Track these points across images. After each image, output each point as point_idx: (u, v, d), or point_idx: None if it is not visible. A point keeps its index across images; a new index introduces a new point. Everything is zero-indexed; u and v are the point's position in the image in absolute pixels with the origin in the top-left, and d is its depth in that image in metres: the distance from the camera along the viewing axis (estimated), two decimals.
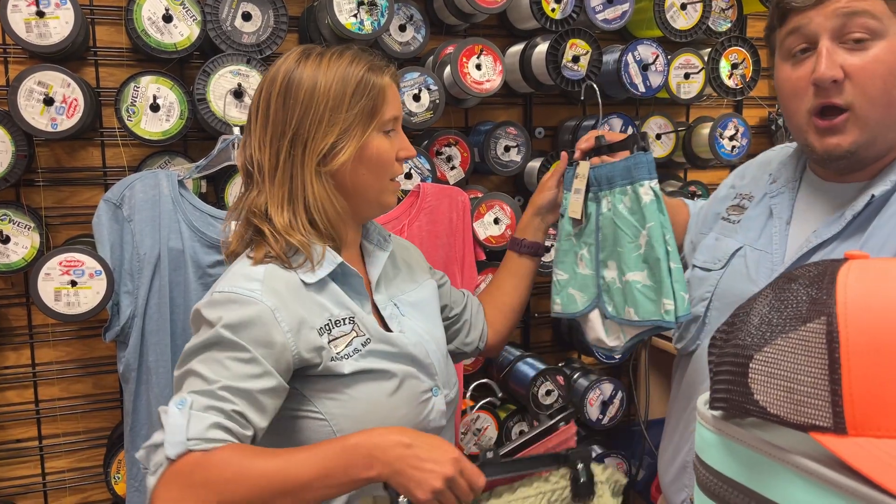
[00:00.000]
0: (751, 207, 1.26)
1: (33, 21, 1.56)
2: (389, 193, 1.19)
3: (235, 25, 1.72)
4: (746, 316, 0.58)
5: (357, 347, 1.10)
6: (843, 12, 1.01)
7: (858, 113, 1.03)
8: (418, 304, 1.26)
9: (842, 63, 1.02)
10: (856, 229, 1.08)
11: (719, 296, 1.22)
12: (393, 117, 1.16)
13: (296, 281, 1.08)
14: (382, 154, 1.15)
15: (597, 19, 2.00)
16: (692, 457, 1.21)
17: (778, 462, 0.54)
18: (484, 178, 2.17)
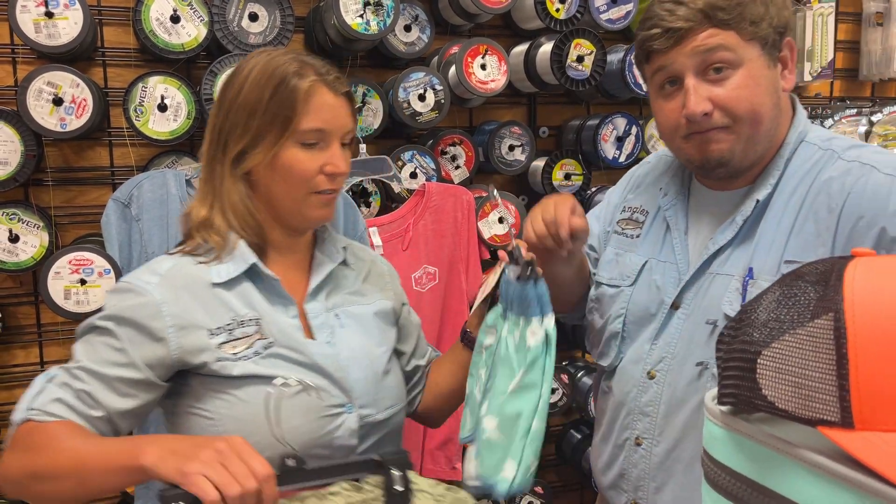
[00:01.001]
0: (647, 222, 1.32)
1: (42, 22, 1.58)
2: (313, 207, 1.11)
3: (242, 26, 1.73)
4: (754, 312, 0.59)
5: (258, 350, 1.07)
6: (700, 50, 1.10)
7: (731, 128, 1.13)
8: (362, 318, 1.19)
9: (708, 95, 1.12)
10: (747, 232, 1.18)
11: (633, 310, 1.28)
12: (314, 129, 1.08)
13: (202, 278, 1.08)
14: (295, 167, 1.08)
15: (601, 19, 2.01)
16: (629, 465, 1.26)
17: (786, 456, 0.55)
18: (488, 177, 2.18)
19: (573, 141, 2.17)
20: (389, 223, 1.87)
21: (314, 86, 1.08)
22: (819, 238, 1.11)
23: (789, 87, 1.17)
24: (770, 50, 1.13)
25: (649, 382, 1.23)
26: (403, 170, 1.91)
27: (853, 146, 1.17)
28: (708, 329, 1.17)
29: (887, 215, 1.07)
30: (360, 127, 1.85)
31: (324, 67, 1.11)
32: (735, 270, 1.16)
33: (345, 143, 1.14)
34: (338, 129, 1.11)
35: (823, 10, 2.42)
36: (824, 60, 2.44)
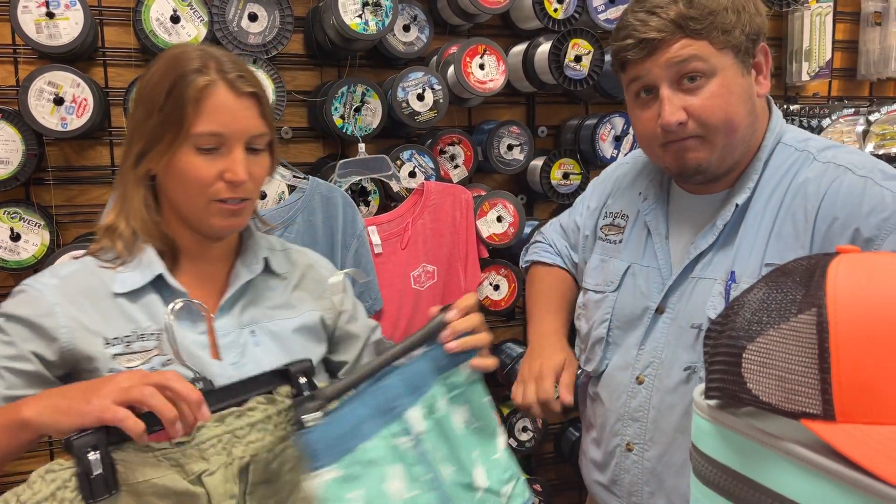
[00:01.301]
0: (628, 227, 1.34)
1: (43, 22, 1.59)
2: (214, 216, 1.03)
3: (242, 26, 1.74)
4: (740, 308, 0.61)
5: (154, 366, 1.01)
6: (674, 61, 1.11)
7: (706, 137, 1.14)
8: (280, 335, 1.11)
9: (683, 105, 1.12)
10: (727, 236, 1.19)
11: (617, 315, 1.29)
12: (209, 133, 1.00)
13: (105, 286, 1.03)
14: (190, 173, 1.00)
15: (599, 19, 2.02)
16: (621, 471, 1.26)
17: (770, 449, 0.56)
18: (487, 176, 2.19)
19: (571, 140, 2.18)
20: (388, 222, 1.88)
21: (211, 85, 1.00)
22: (797, 240, 1.12)
23: (764, 92, 1.18)
24: (743, 57, 1.13)
25: (638, 388, 1.24)
26: (402, 169, 1.92)
27: (828, 147, 1.18)
28: (693, 333, 1.17)
29: (861, 216, 1.08)
30: (360, 127, 1.87)
31: (229, 63, 1.03)
32: (717, 274, 1.17)
33: (255, 147, 1.04)
34: (238, 133, 1.01)
35: (821, 10, 2.43)
36: (822, 60, 2.45)
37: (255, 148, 1.04)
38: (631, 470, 1.26)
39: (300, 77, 1.97)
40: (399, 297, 1.87)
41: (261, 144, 1.05)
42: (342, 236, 1.76)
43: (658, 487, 1.23)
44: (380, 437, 0.94)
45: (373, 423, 0.94)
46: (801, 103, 2.42)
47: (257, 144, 1.04)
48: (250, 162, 1.03)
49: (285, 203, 1.73)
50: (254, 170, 1.04)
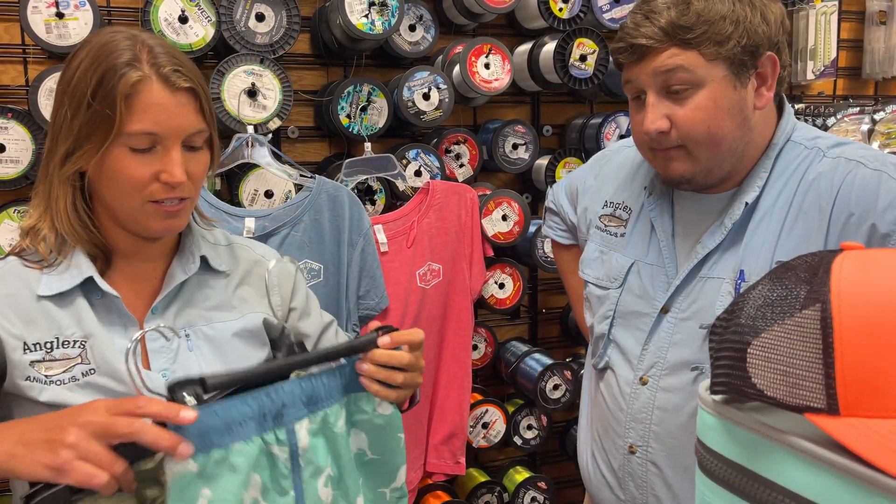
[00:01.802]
0: (631, 221, 1.31)
1: (53, 22, 1.60)
2: (150, 218, 0.97)
3: (249, 26, 1.75)
4: (745, 304, 0.61)
5: (75, 376, 0.94)
6: (660, 70, 1.10)
7: (689, 149, 1.13)
8: (217, 339, 1.04)
9: (668, 113, 1.12)
10: (734, 236, 1.17)
11: (621, 313, 1.28)
12: (141, 131, 0.92)
13: (28, 286, 0.97)
14: (123, 174, 0.94)
15: (604, 18, 2.03)
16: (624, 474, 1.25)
17: (774, 443, 0.57)
18: (492, 175, 2.20)
19: (576, 139, 2.19)
20: (394, 221, 1.89)
21: (143, 80, 0.92)
22: (810, 238, 1.10)
23: (762, 105, 1.14)
24: (738, 69, 1.10)
25: (641, 388, 1.21)
26: (408, 168, 1.93)
27: (838, 143, 1.16)
28: (702, 334, 1.15)
29: (877, 212, 1.07)
30: (366, 126, 1.88)
31: (164, 55, 0.95)
32: (725, 273, 1.15)
33: (193, 145, 0.98)
34: (174, 132, 0.94)
35: (826, 9, 2.43)
36: (827, 59, 2.45)
37: (193, 146, 0.98)
38: (635, 473, 1.24)
39: (307, 77, 1.98)
40: (405, 295, 1.88)
41: (199, 142, 0.98)
42: (348, 235, 1.77)
43: (665, 491, 1.21)
44: (255, 441, 0.87)
45: (253, 424, 0.86)
46: (806, 102, 2.42)
47: (195, 142, 0.98)
48: (188, 160, 0.97)
49: (292, 202, 1.74)
50: (192, 169, 0.97)
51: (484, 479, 2.13)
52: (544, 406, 2.09)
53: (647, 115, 1.12)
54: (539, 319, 2.30)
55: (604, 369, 1.30)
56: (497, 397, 2.14)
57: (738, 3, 1.09)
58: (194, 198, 1.01)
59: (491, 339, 2.14)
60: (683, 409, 1.17)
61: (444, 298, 1.95)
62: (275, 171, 1.73)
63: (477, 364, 2.10)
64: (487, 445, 2.12)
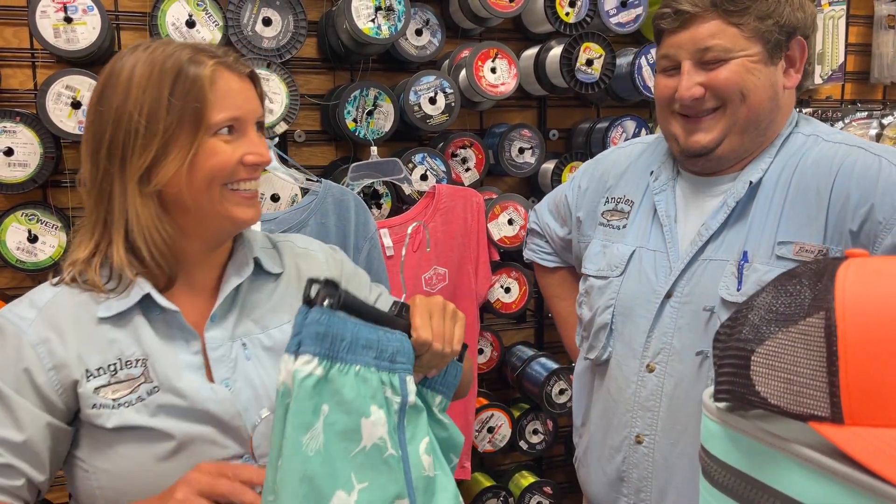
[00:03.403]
0: (633, 211, 1.33)
1: (61, 27, 1.61)
2: (233, 206, 0.97)
3: (256, 30, 1.76)
4: (749, 311, 0.61)
5: (141, 395, 0.93)
6: (700, 45, 1.15)
7: (723, 110, 1.16)
8: (276, 347, 1.02)
9: (702, 81, 1.15)
10: (738, 215, 1.19)
11: (622, 300, 1.28)
12: (227, 118, 0.94)
13: (88, 311, 0.95)
14: (217, 161, 0.94)
15: (610, 23, 2.02)
16: (629, 466, 1.25)
17: (778, 451, 0.57)
18: (498, 179, 2.20)
19: (583, 143, 2.19)
20: (400, 224, 1.89)
21: (217, 70, 0.94)
22: (811, 218, 1.13)
23: (791, 84, 1.20)
24: (773, 49, 1.15)
25: (648, 376, 1.21)
26: (414, 172, 1.93)
27: (838, 132, 1.21)
28: (705, 316, 1.17)
29: (877, 194, 1.09)
30: (372, 130, 1.88)
31: (220, 49, 0.99)
32: (729, 255, 1.17)
33: (259, 128, 1.01)
34: (250, 114, 0.97)
35: (835, 13, 2.42)
36: (835, 63, 2.44)
37: (260, 125, 1.01)
38: (640, 464, 1.23)
39: (313, 81, 1.99)
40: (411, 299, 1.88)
41: (260, 125, 1.01)
42: (354, 239, 1.77)
43: (669, 481, 1.21)
44: (374, 373, 0.82)
45: (372, 355, 0.83)
46: (814, 106, 2.41)
47: (261, 126, 1.02)
48: (263, 143, 1.00)
49: (298, 206, 1.74)
50: (264, 151, 0.99)
51: (489, 484, 2.13)
52: (550, 410, 2.08)
53: (683, 81, 1.16)
54: (545, 324, 2.29)
55: (605, 361, 1.29)
56: (503, 402, 2.14)
57: None
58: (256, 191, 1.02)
59: (497, 343, 2.13)
60: (690, 394, 1.18)
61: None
62: (281, 174, 1.73)
63: (483, 368, 2.10)
64: (493, 450, 2.11)
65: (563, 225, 1.51)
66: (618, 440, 1.27)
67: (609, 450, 1.29)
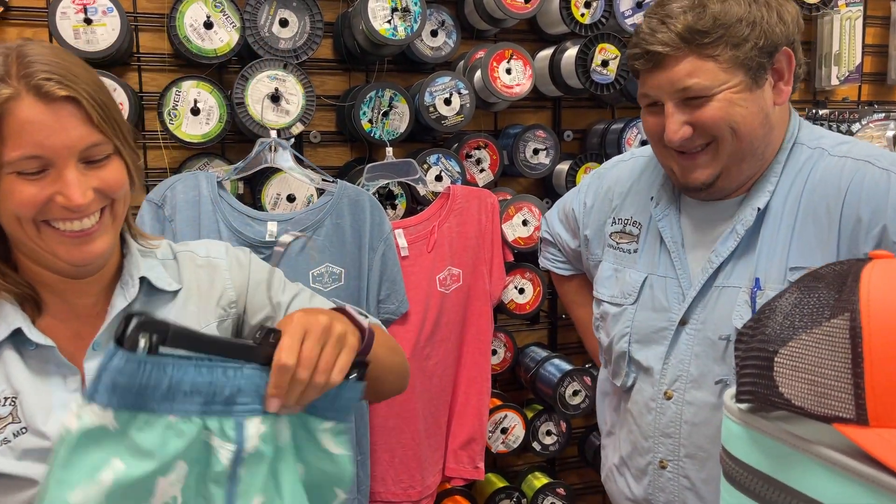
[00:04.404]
0: (642, 235, 1.30)
1: (81, 28, 1.63)
2: (59, 247, 0.85)
3: (273, 31, 1.77)
4: (772, 312, 0.61)
5: (7, 437, 0.85)
6: (677, 86, 1.10)
7: (717, 144, 1.12)
8: None
9: (688, 120, 1.11)
10: (748, 242, 1.16)
11: (637, 329, 1.26)
12: (25, 157, 0.80)
13: None
14: (14, 201, 0.82)
15: (626, 24, 2.02)
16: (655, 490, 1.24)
17: (802, 452, 0.57)
18: (513, 180, 2.20)
19: (597, 144, 2.19)
20: (415, 225, 1.90)
21: (12, 98, 0.80)
22: (821, 241, 1.10)
23: (782, 100, 1.14)
24: (755, 73, 1.10)
25: (666, 403, 1.20)
26: (429, 173, 1.94)
27: (842, 142, 1.15)
28: (722, 345, 1.15)
29: (888, 214, 1.05)
30: (387, 131, 1.89)
31: (40, 63, 0.81)
32: (741, 282, 1.14)
33: (94, 160, 0.85)
34: (61, 151, 0.82)
35: (851, 14, 2.40)
36: (852, 64, 2.43)
37: (93, 160, 0.85)
38: (666, 488, 1.22)
39: (329, 82, 2.00)
40: (425, 299, 1.88)
41: (99, 154, 0.85)
42: (369, 239, 1.78)
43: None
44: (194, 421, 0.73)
45: (198, 401, 0.73)
46: (831, 108, 2.40)
47: (96, 155, 0.85)
48: (91, 177, 0.85)
49: (314, 206, 1.75)
50: (100, 184, 0.85)
51: (503, 485, 2.13)
52: (564, 412, 2.08)
53: (669, 125, 1.12)
54: (559, 325, 2.29)
55: (630, 388, 1.28)
56: (516, 403, 2.14)
57: (755, 4, 1.08)
58: (117, 213, 0.89)
59: (510, 344, 2.13)
60: (712, 421, 1.16)
61: (463, 303, 1.95)
62: (297, 175, 1.74)
63: (496, 369, 2.10)
64: (506, 451, 2.11)
65: (574, 237, 1.50)
66: (643, 464, 1.26)
67: (635, 471, 1.29)
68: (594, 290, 1.37)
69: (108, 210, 0.88)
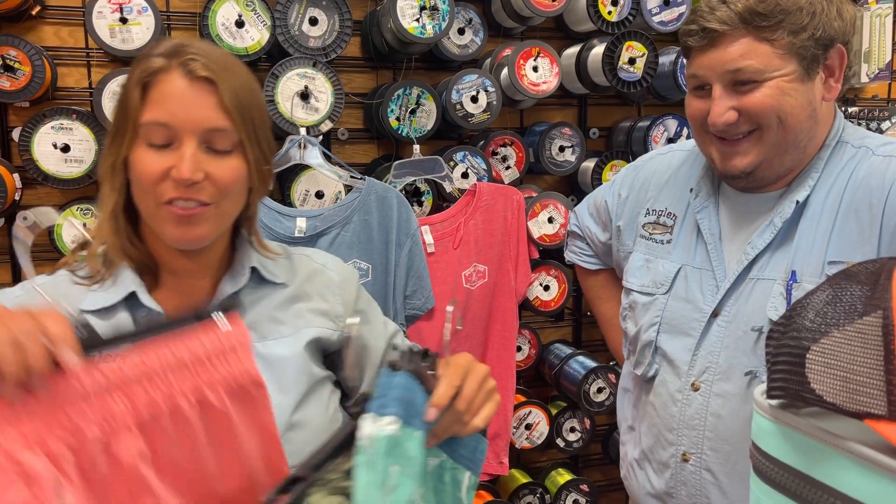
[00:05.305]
0: (677, 226, 1.30)
1: (117, 27, 1.66)
2: (165, 223, 0.89)
3: (303, 30, 1.79)
4: (804, 309, 0.62)
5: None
6: (729, 67, 1.09)
7: (761, 132, 1.11)
8: (271, 359, 0.96)
9: (735, 105, 1.11)
10: (785, 235, 1.16)
11: (668, 318, 1.26)
12: (156, 123, 0.87)
13: (71, 305, 0.92)
14: (138, 170, 0.88)
15: (653, 21, 2.02)
16: (677, 483, 1.24)
17: (834, 448, 0.58)
18: (538, 177, 2.21)
19: (623, 142, 2.19)
20: (441, 222, 1.91)
21: (162, 70, 0.87)
22: (862, 236, 1.09)
23: (832, 96, 1.14)
24: (809, 63, 1.09)
25: (693, 395, 1.20)
26: (455, 170, 1.95)
27: (887, 142, 1.15)
28: (753, 336, 1.15)
29: None
30: (415, 128, 1.90)
31: (195, 49, 0.89)
32: (776, 274, 1.14)
33: (216, 147, 0.89)
34: (189, 125, 0.87)
35: (881, 11, 2.38)
36: (882, 62, 2.40)
37: (215, 148, 0.90)
38: (689, 481, 1.22)
39: (356, 79, 2.02)
40: (450, 295, 1.90)
41: (223, 144, 0.90)
42: (396, 235, 1.80)
43: (720, 499, 1.19)
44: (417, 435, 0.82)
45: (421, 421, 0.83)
46: (861, 105, 2.37)
47: (218, 143, 0.89)
48: (208, 162, 0.89)
49: (342, 202, 1.78)
50: (214, 171, 0.89)
51: (526, 481, 2.14)
52: (588, 409, 2.09)
53: (715, 108, 1.12)
54: (583, 322, 2.29)
55: (652, 378, 1.29)
56: (540, 399, 2.15)
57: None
58: (221, 207, 0.92)
59: (535, 340, 2.14)
60: (738, 414, 1.16)
61: (489, 299, 1.97)
62: (326, 172, 1.76)
63: (521, 365, 2.11)
64: (530, 447, 2.12)
65: (605, 230, 1.51)
66: (665, 456, 1.26)
67: (657, 464, 1.29)
68: (623, 280, 1.38)
69: (217, 204, 0.91)
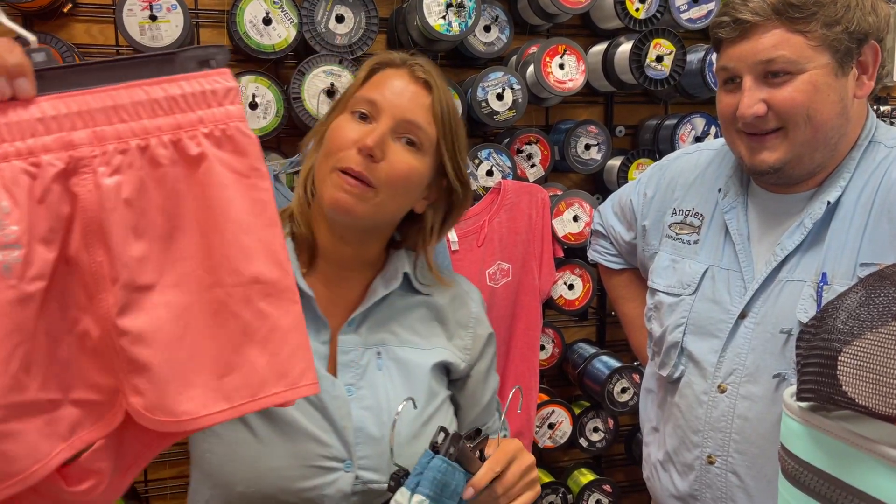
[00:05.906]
0: (704, 227, 1.28)
1: (147, 25, 1.68)
2: (330, 186, 0.94)
3: (329, 27, 1.80)
4: (835, 311, 0.61)
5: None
6: (760, 58, 1.08)
7: (787, 130, 1.10)
8: (408, 363, 1.01)
9: (765, 98, 1.09)
10: (815, 236, 1.14)
11: (694, 320, 1.24)
12: (367, 99, 0.97)
13: None
14: (335, 133, 0.97)
15: (681, 19, 2.00)
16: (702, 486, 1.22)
17: (865, 452, 0.57)
18: (563, 175, 2.20)
19: (650, 140, 2.17)
20: (465, 220, 1.91)
21: (391, 65, 1.02)
22: (895, 239, 1.07)
23: (864, 93, 1.12)
24: (842, 57, 1.08)
25: (720, 397, 1.19)
26: (480, 167, 1.95)
27: None
28: (782, 338, 1.13)
29: None
30: None
31: (422, 60, 1.02)
32: (806, 276, 1.12)
33: (408, 137, 0.96)
34: (394, 108, 0.96)
35: None
36: None
37: (408, 138, 0.96)
38: (713, 484, 1.21)
39: None
40: None
41: (416, 136, 0.96)
42: None
43: (747, 502, 1.18)
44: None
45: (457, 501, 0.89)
46: (892, 104, 2.33)
47: (411, 135, 0.96)
48: (399, 151, 0.95)
49: None
50: (395, 157, 0.95)
51: (549, 480, 2.14)
52: (611, 409, 2.08)
53: (744, 99, 1.10)
54: (607, 322, 2.28)
55: (678, 379, 1.28)
56: (564, 398, 2.14)
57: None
58: (381, 196, 0.95)
59: (559, 339, 2.14)
60: (766, 417, 1.15)
61: (513, 298, 1.96)
62: None
63: (544, 364, 2.11)
64: (553, 446, 2.12)
65: (629, 229, 1.49)
66: (689, 458, 1.25)
67: (681, 466, 1.27)
68: (649, 281, 1.36)
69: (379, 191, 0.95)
